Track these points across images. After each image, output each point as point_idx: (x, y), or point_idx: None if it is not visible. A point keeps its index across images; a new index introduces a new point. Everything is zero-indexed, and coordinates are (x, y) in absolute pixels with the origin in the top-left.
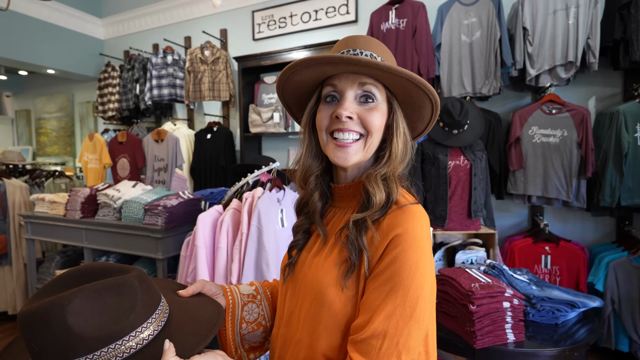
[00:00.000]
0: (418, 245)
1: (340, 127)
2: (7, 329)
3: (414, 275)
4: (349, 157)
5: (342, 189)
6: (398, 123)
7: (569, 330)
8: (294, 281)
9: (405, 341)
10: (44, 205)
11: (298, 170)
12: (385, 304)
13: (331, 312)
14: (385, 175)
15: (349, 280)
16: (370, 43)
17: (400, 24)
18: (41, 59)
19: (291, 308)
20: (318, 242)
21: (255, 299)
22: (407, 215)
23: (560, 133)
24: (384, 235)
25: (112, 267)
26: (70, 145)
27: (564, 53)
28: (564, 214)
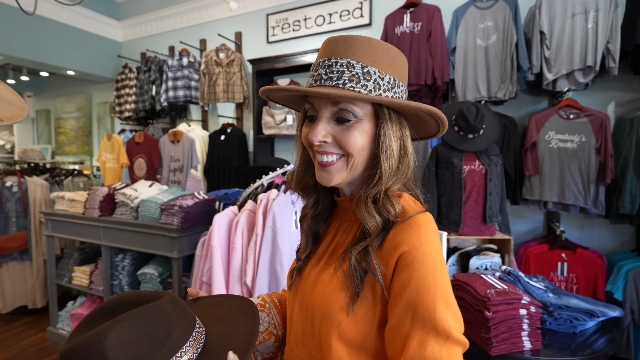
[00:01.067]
0: (430, 260)
1: (318, 150)
2: (26, 323)
3: (435, 295)
4: (331, 177)
5: (345, 202)
6: (386, 138)
7: (587, 340)
8: (301, 296)
9: None
10: (63, 203)
11: (294, 180)
12: (414, 329)
13: (343, 338)
14: (377, 195)
15: (359, 305)
16: (350, 46)
17: (415, 27)
18: (61, 60)
19: (302, 326)
20: (325, 256)
21: (264, 308)
22: (412, 229)
23: (578, 138)
24: (389, 253)
25: (143, 295)
26: (87, 145)
27: (583, 57)
28: (581, 220)
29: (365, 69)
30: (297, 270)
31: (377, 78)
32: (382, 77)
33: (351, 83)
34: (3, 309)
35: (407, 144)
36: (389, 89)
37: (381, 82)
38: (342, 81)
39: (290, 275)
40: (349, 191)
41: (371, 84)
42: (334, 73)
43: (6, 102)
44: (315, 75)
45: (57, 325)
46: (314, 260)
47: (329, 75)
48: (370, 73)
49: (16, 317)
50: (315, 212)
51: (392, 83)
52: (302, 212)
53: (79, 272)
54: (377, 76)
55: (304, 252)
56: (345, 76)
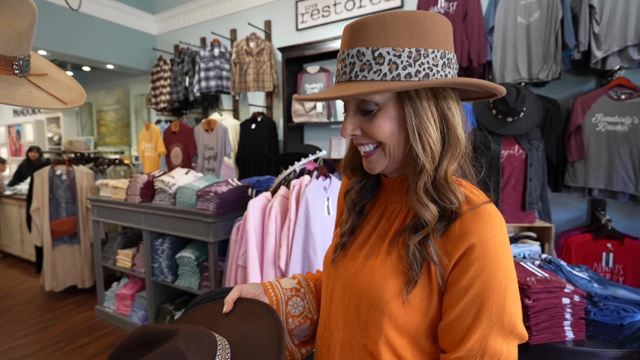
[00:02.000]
0: (500, 253)
1: (355, 142)
2: (76, 301)
3: (506, 289)
4: (373, 166)
5: (392, 182)
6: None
7: (636, 332)
8: (344, 280)
9: (505, 357)
10: (107, 190)
11: (343, 162)
12: (479, 322)
13: (394, 325)
14: (426, 184)
15: (413, 293)
16: (359, 32)
17: (450, 7)
18: (102, 55)
19: (344, 310)
20: (372, 240)
21: (299, 292)
22: (483, 220)
23: (629, 120)
24: (455, 243)
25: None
26: (126, 135)
27: (638, 32)
28: (630, 209)
29: (377, 52)
30: (342, 247)
31: (392, 57)
32: (399, 55)
33: (363, 73)
34: (56, 288)
35: (450, 116)
36: (411, 63)
37: (398, 61)
38: (354, 73)
39: (334, 250)
40: (397, 173)
41: (385, 67)
42: (347, 67)
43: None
44: (336, 72)
45: (104, 304)
46: (358, 242)
47: (344, 70)
48: (383, 55)
49: (68, 296)
50: (361, 186)
51: (414, 55)
52: (347, 187)
53: (122, 255)
54: (391, 56)
55: (346, 225)
56: (356, 67)
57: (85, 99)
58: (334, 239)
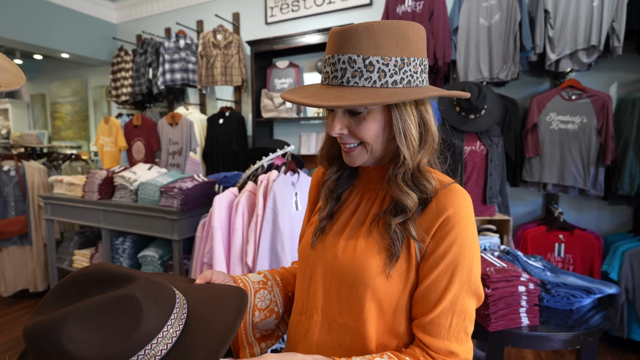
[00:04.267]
0: (471, 223)
1: (339, 140)
2: (28, 306)
3: (473, 253)
4: (354, 160)
5: (369, 171)
6: (400, 125)
7: (583, 316)
8: (323, 262)
9: (470, 314)
10: (62, 187)
11: (319, 153)
12: (452, 283)
13: (377, 299)
14: (406, 175)
15: (395, 267)
16: (350, 39)
17: (417, 6)
18: (55, 42)
19: (324, 292)
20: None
21: (267, 285)
22: (455, 194)
23: (579, 120)
24: (433, 216)
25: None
26: (84, 130)
27: (587, 37)
28: (580, 202)
29: (367, 60)
30: (321, 230)
31: (381, 66)
32: (387, 64)
33: (355, 79)
34: (4, 293)
35: (427, 118)
36: (397, 71)
37: (386, 69)
38: (345, 79)
39: (313, 233)
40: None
41: (375, 74)
42: (338, 71)
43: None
44: (324, 73)
45: None
46: (338, 226)
47: (334, 74)
48: (373, 63)
49: (18, 301)
50: (338, 176)
51: (399, 64)
52: (323, 177)
53: (79, 255)
54: (380, 64)
55: (324, 211)
56: (348, 73)
57: (23, 82)
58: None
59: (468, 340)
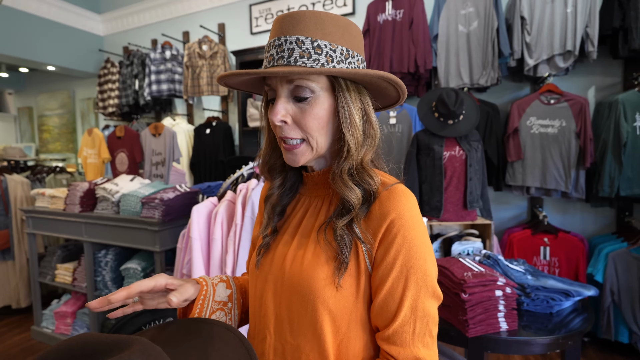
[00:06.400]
0: (417, 223)
1: (280, 136)
2: (10, 323)
3: (425, 254)
4: (297, 158)
5: (315, 176)
6: (346, 109)
7: (563, 320)
8: (272, 279)
9: (433, 317)
10: (44, 200)
11: (260, 162)
12: (408, 289)
13: (328, 313)
14: (351, 169)
15: (344, 277)
16: (298, 22)
17: (397, 15)
18: (41, 55)
19: (274, 311)
20: (299, 233)
21: (225, 307)
22: (397, 197)
23: (558, 123)
24: (377, 222)
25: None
26: (72, 142)
27: (562, 42)
28: (563, 205)
29: (315, 43)
30: (265, 247)
31: (329, 51)
32: (334, 49)
33: (302, 59)
34: None
35: (370, 112)
36: (343, 60)
37: (333, 55)
38: (293, 58)
39: (257, 252)
40: (318, 167)
41: (323, 57)
42: (284, 52)
43: None
44: (268, 57)
45: (41, 324)
46: (285, 240)
47: (280, 55)
48: (321, 46)
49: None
50: (281, 190)
51: (345, 54)
52: (267, 192)
53: (62, 269)
54: (328, 49)
55: (267, 228)
56: (295, 53)
57: None
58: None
59: (434, 344)
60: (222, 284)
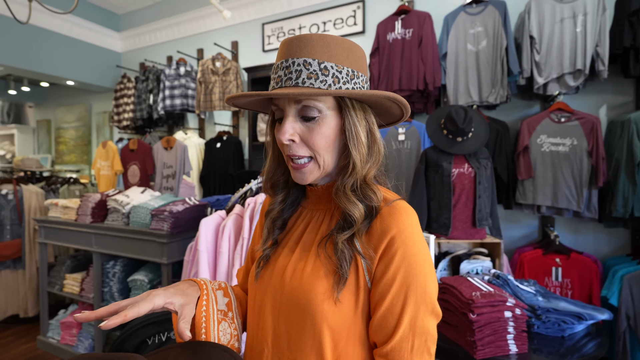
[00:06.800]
0: (417, 240)
1: (288, 154)
2: (17, 332)
3: (425, 271)
4: (306, 177)
5: (319, 190)
6: (353, 128)
7: (576, 344)
8: (272, 292)
9: (432, 334)
10: (57, 210)
11: (264, 178)
12: (407, 305)
13: (327, 327)
14: (355, 184)
15: (343, 291)
16: (305, 45)
17: (407, 34)
18: (62, 71)
19: (272, 325)
20: (300, 246)
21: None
22: (399, 213)
23: (569, 142)
24: (378, 238)
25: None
26: (86, 154)
27: (572, 61)
28: (576, 225)
29: (322, 64)
30: (265, 259)
31: (335, 72)
32: (340, 71)
33: (310, 80)
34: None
35: (374, 130)
36: (349, 80)
37: (339, 76)
38: (301, 80)
39: (257, 264)
40: (323, 181)
41: (330, 78)
42: (292, 73)
43: None
44: (276, 78)
45: (47, 334)
46: (285, 253)
47: (289, 76)
48: (328, 68)
49: (7, 327)
50: (283, 206)
51: (350, 75)
52: (268, 207)
53: (70, 279)
54: (334, 70)
55: (268, 241)
56: (303, 74)
57: None
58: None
59: None
60: (220, 291)
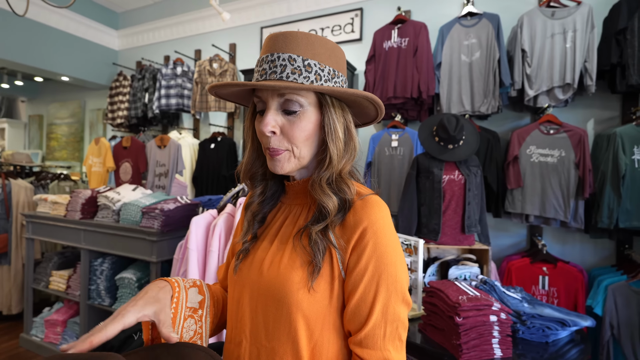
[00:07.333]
0: (388, 232)
1: (267, 146)
2: (0, 329)
3: (396, 262)
4: (281, 165)
5: (296, 185)
6: (331, 124)
7: (560, 350)
8: (250, 284)
9: (403, 322)
10: (46, 206)
11: (242, 169)
12: (379, 294)
13: (302, 316)
14: (330, 178)
15: (317, 281)
16: (290, 41)
17: (402, 42)
18: (57, 66)
19: (250, 316)
20: (277, 239)
21: (196, 314)
22: (371, 206)
23: (558, 153)
24: (351, 230)
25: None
26: (78, 151)
27: (562, 75)
28: (563, 235)
29: (306, 61)
30: (244, 252)
31: (318, 70)
32: (322, 69)
33: (294, 75)
34: None
35: (351, 128)
36: (330, 79)
37: (322, 73)
38: (285, 74)
39: (236, 257)
40: (299, 176)
41: (312, 75)
42: (277, 67)
43: None
44: (260, 70)
45: (30, 331)
46: (264, 246)
47: (273, 70)
48: (311, 65)
49: None
50: (262, 198)
51: (332, 74)
52: (248, 200)
53: (56, 276)
54: (317, 68)
55: (247, 234)
56: (288, 69)
57: None
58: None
59: (403, 348)
60: (194, 288)
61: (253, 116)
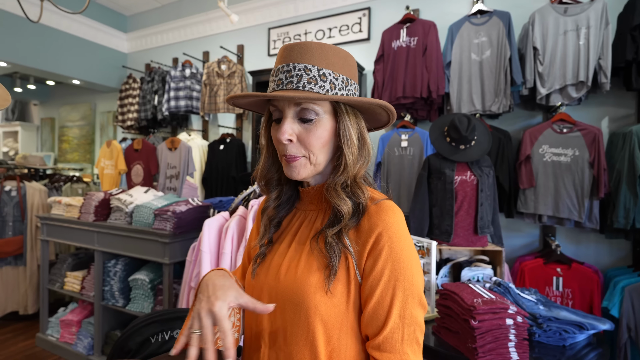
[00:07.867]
0: (403, 236)
1: (284, 154)
2: (16, 329)
3: (412, 266)
4: (297, 170)
5: (311, 191)
6: (346, 131)
7: (577, 354)
8: (267, 289)
9: (420, 325)
10: (60, 208)
11: (258, 174)
12: (396, 297)
13: (320, 320)
14: (345, 182)
15: (334, 284)
16: (305, 51)
17: (411, 42)
18: (68, 70)
19: (269, 321)
20: (294, 245)
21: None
22: (385, 211)
23: (571, 152)
24: (366, 235)
25: None
26: (89, 153)
27: (575, 73)
28: (577, 235)
29: (321, 71)
30: (261, 256)
31: (332, 79)
32: (337, 78)
33: (310, 85)
34: None
35: (364, 133)
36: (344, 87)
37: (336, 82)
38: (301, 84)
39: (254, 261)
40: (314, 182)
41: (327, 84)
42: (293, 77)
43: None
44: (276, 80)
45: (46, 331)
46: (280, 250)
47: (290, 80)
48: (326, 75)
49: (7, 323)
50: (278, 203)
51: (345, 82)
52: (264, 205)
53: (71, 277)
54: (332, 77)
55: (264, 238)
56: (304, 79)
57: (9, 103)
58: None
59: (420, 351)
60: None
61: (268, 124)
